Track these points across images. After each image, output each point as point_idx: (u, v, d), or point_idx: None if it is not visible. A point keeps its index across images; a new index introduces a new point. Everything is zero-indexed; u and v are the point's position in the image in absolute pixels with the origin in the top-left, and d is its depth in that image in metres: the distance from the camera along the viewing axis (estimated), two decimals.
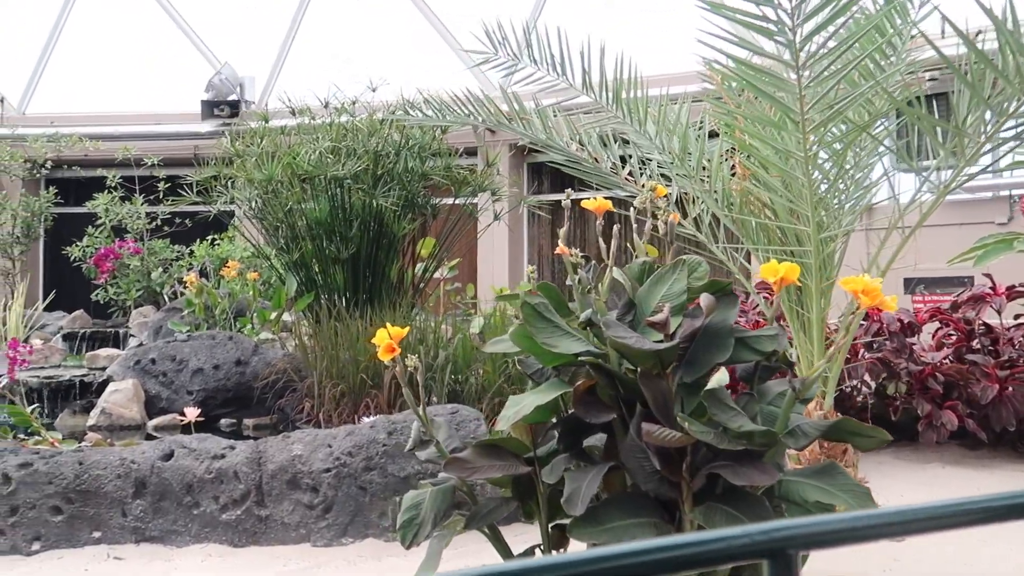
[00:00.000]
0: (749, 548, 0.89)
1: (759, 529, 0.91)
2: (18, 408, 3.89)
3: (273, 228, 6.24)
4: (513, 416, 2.48)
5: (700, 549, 0.88)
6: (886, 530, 0.95)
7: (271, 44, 11.92)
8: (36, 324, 8.39)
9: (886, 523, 0.95)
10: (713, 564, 0.90)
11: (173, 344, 5.61)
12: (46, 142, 10.23)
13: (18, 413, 3.87)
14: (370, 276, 6.32)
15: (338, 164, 5.80)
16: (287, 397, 5.47)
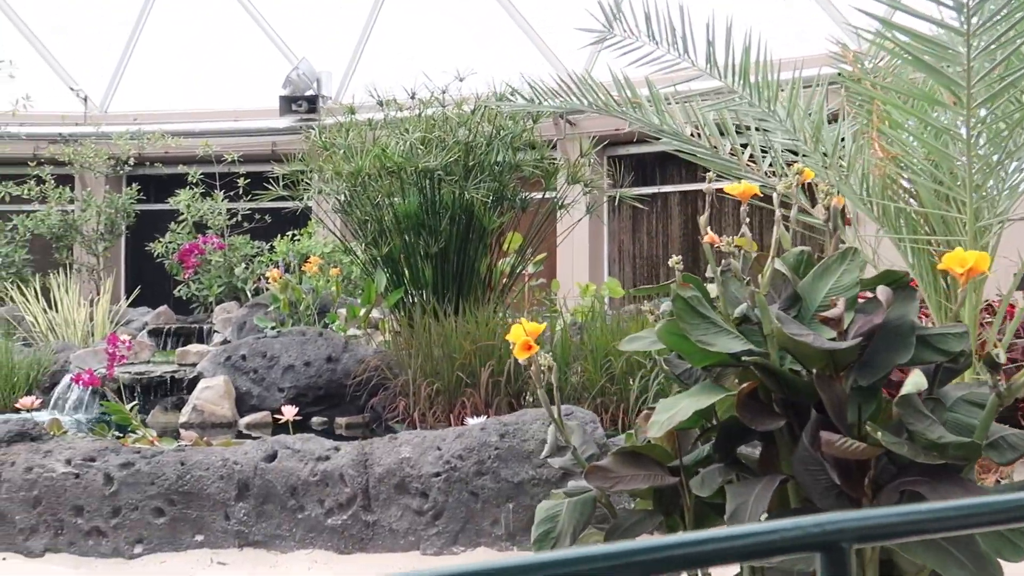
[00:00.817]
0: (802, 541, 0.89)
1: (812, 521, 0.90)
2: (117, 405, 3.79)
3: (361, 222, 6.10)
4: (667, 422, 2.24)
5: (752, 541, 0.88)
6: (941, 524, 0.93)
7: (347, 39, 11.87)
8: (121, 320, 8.43)
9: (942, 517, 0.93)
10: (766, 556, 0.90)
11: (263, 340, 5.50)
12: (129, 139, 10.31)
13: (118, 410, 3.77)
14: (459, 271, 6.14)
15: (429, 155, 5.62)
16: (379, 395, 5.31)
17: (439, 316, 5.28)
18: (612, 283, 7.87)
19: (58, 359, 6.56)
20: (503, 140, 5.83)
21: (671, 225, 10.61)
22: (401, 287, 5.93)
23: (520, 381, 5.02)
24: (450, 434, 3.51)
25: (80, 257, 10.29)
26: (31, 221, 9.96)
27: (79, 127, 11.61)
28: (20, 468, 3.45)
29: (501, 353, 5.10)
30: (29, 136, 11.10)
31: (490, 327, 5.18)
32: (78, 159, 10.19)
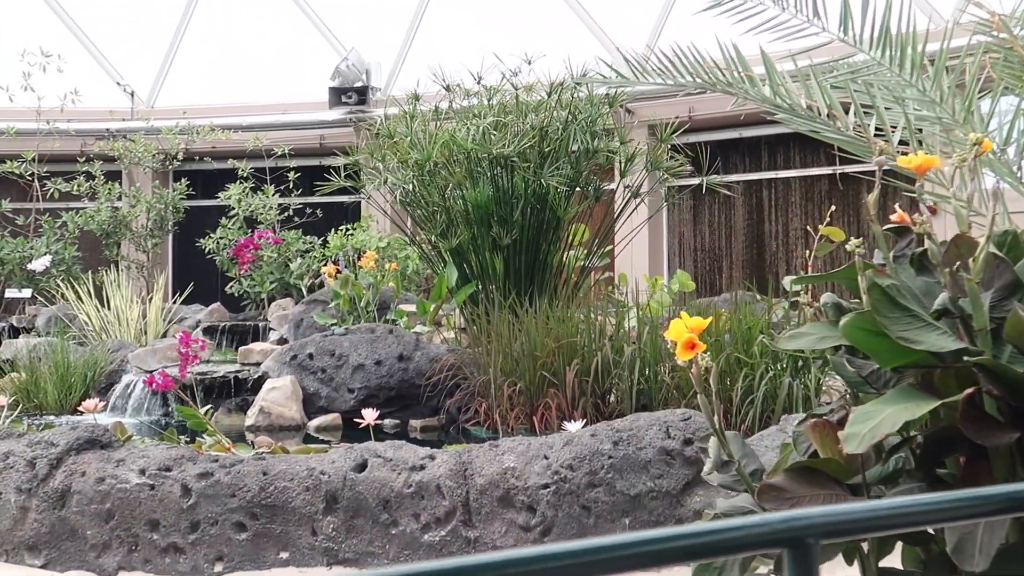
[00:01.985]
0: (769, 537, 0.89)
1: (779, 518, 0.91)
2: (191, 409, 3.52)
3: (428, 214, 5.79)
4: (870, 435, 1.88)
5: (719, 537, 0.88)
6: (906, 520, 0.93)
7: (396, 29, 11.58)
8: (174, 318, 8.21)
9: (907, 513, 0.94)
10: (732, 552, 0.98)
11: (331, 338, 5.22)
12: (178, 134, 10.11)
13: (191, 415, 3.50)
14: (531, 265, 5.81)
15: (503, 141, 5.30)
16: (454, 395, 5.01)
17: (518, 312, 4.96)
18: (683, 276, 7.50)
19: (114, 358, 6.34)
20: (580, 125, 5.49)
21: (734, 216, 10.20)
22: (472, 281, 5.62)
23: (607, 381, 4.69)
24: (557, 441, 3.19)
25: (130, 254, 10.10)
26: (81, 217, 9.79)
27: (126, 122, 11.45)
28: (91, 479, 3.18)
29: (584, 351, 4.77)
30: (77, 132, 10.95)
31: (572, 323, 4.85)
32: (128, 154, 10.01)
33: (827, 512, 0.94)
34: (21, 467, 3.25)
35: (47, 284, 9.41)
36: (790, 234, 9.84)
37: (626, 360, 4.62)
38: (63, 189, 10.03)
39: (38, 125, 10.44)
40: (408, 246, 8.95)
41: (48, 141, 10.47)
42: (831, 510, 0.95)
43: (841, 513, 0.95)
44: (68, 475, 3.20)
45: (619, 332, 4.91)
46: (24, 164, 10.08)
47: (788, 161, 9.90)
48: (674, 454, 3.11)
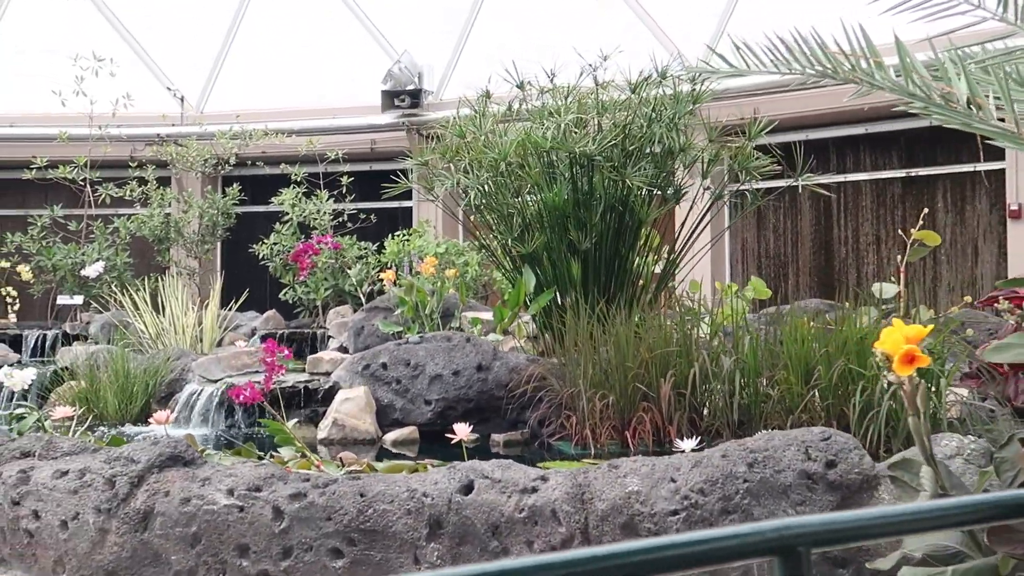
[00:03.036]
0: (759, 546, 0.89)
1: (770, 526, 0.90)
2: (278, 424, 3.27)
3: (502, 217, 5.52)
4: None
5: (712, 546, 0.88)
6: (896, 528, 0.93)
7: (448, 31, 11.36)
8: (230, 325, 8.02)
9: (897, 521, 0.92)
10: (724, 561, 0.87)
11: (405, 347, 4.96)
12: (230, 139, 9.95)
13: (278, 429, 3.25)
14: (609, 270, 5.52)
15: (585, 139, 5.02)
16: (539, 408, 4.72)
17: (605, 320, 4.67)
18: (757, 283, 7.16)
19: (175, 367, 6.14)
20: (664, 122, 5.20)
21: (801, 221, 9.82)
22: (550, 288, 5.33)
23: (703, 393, 4.38)
24: (684, 462, 2.89)
25: (181, 260, 9.95)
26: (133, 223, 9.65)
27: (175, 127, 11.33)
28: (176, 499, 2.93)
29: (679, 362, 4.46)
30: (129, 137, 10.84)
31: (665, 332, 4.54)
32: (180, 159, 9.87)
33: (817, 520, 0.93)
34: (99, 485, 3.02)
35: (99, 290, 9.28)
36: (860, 239, 9.45)
37: (726, 372, 4.31)
38: (115, 194, 9.92)
39: (90, 130, 10.34)
40: (467, 252, 8.71)
41: (99, 146, 10.37)
42: (821, 518, 0.95)
43: (831, 522, 0.94)
44: (150, 495, 2.96)
45: (713, 342, 4.60)
46: (76, 169, 9.98)
47: (858, 163, 9.52)
48: (816, 478, 2.80)
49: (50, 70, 11.36)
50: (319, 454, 4.41)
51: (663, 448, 4.38)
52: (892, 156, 9.28)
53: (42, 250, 9.65)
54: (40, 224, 9.96)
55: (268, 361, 3.27)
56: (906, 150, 9.20)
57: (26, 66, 12.18)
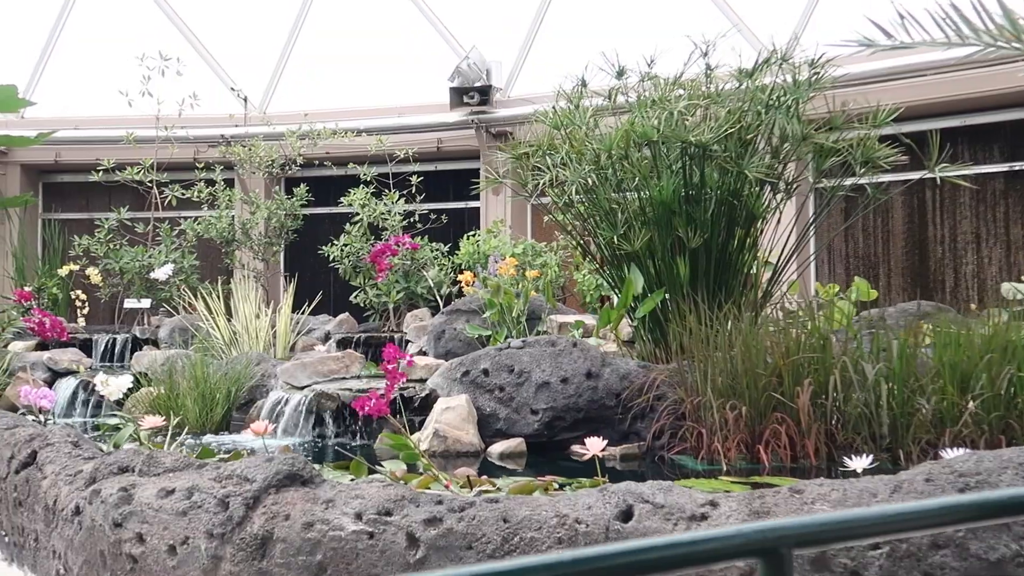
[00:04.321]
0: (742, 547, 0.89)
1: (752, 528, 0.90)
2: (402, 438, 2.94)
3: (604, 213, 5.16)
4: None
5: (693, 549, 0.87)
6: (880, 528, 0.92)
7: (517, 26, 11.04)
8: (303, 329, 7.77)
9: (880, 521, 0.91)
10: (706, 563, 0.86)
11: (508, 352, 4.62)
12: (298, 138, 9.73)
13: (402, 444, 2.92)
14: (718, 268, 5.14)
15: (699, 128, 4.64)
16: (653, 419, 4.35)
17: (728, 322, 4.29)
18: (862, 284, 6.73)
19: (254, 373, 5.87)
20: (783, 109, 4.80)
21: (892, 219, 9.32)
22: (661, 288, 4.96)
23: (845, 404, 3.97)
24: (881, 487, 2.50)
25: (249, 263, 9.75)
26: (200, 225, 9.47)
27: (239, 128, 11.16)
28: (297, 524, 2.62)
29: (816, 368, 4.06)
30: (196, 139, 10.70)
31: (799, 336, 4.15)
32: (247, 160, 9.67)
33: (800, 522, 0.92)
34: (211, 507, 2.71)
35: (168, 293, 9.11)
36: (958, 238, 8.92)
37: (871, 382, 3.90)
38: (182, 196, 9.75)
39: (156, 131, 10.20)
40: (544, 252, 8.37)
41: (165, 148, 10.23)
42: (804, 520, 0.92)
43: (814, 523, 0.92)
44: (269, 518, 2.64)
45: (847, 347, 4.20)
46: (142, 171, 9.84)
47: (955, 158, 8.97)
48: None
49: (114, 72, 11.27)
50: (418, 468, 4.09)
51: (798, 465, 3.99)
52: (993, 149, 8.75)
53: (110, 253, 9.50)
54: (107, 227, 9.82)
55: (389, 368, 2.95)
56: (1009, 142, 8.66)
57: (89, 69, 12.12)
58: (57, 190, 12.42)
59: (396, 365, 2.98)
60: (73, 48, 12.18)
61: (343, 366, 5.27)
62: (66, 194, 12.39)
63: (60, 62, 12.22)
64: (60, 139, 10.91)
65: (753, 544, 0.90)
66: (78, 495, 3.11)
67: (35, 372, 6.67)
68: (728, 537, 0.90)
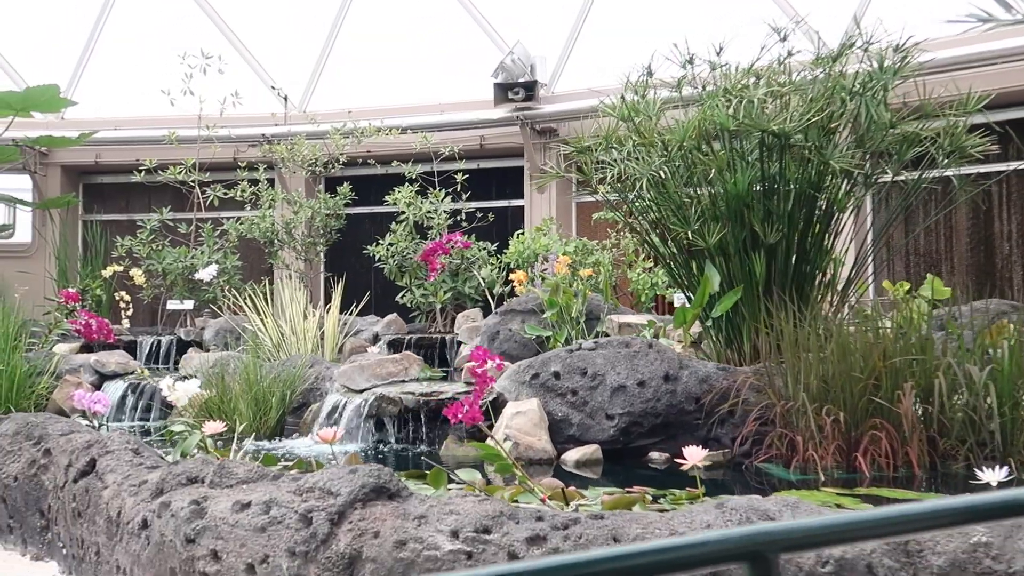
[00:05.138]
0: (729, 552, 0.89)
1: (739, 533, 0.91)
2: (493, 448, 2.72)
3: (676, 207, 4.91)
4: None
5: (679, 554, 0.88)
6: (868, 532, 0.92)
7: (562, 21, 10.80)
8: (350, 330, 7.58)
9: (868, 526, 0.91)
10: (691, 568, 0.88)
11: (579, 354, 4.38)
12: (343, 135, 9.56)
13: (494, 455, 2.70)
14: (796, 265, 4.88)
15: (780, 116, 4.39)
16: (734, 424, 4.10)
17: (817, 322, 4.03)
18: (936, 282, 6.42)
19: (308, 375, 5.69)
20: (867, 96, 4.53)
21: (955, 215, 8.98)
22: (738, 286, 4.70)
23: (951, 409, 3.70)
24: None
25: (293, 263, 9.59)
26: (244, 225, 9.32)
27: (279, 127, 11.01)
28: (388, 542, 2.40)
29: (918, 371, 3.79)
30: (238, 137, 10.57)
31: (894, 338, 3.88)
32: (290, 158, 9.51)
33: (786, 527, 0.90)
34: (292, 523, 2.51)
35: (212, 294, 8.97)
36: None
37: (980, 383, 3.63)
38: (224, 195, 9.62)
39: (198, 131, 10.08)
40: (596, 250, 8.13)
41: (207, 147, 10.10)
42: (790, 524, 0.90)
43: (800, 527, 0.91)
44: (356, 536, 2.43)
45: (947, 347, 3.92)
46: (184, 171, 9.72)
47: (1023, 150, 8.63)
48: None
49: (153, 73, 11.18)
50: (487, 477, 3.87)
51: (899, 474, 3.72)
52: None
53: (152, 253, 9.38)
54: (149, 227, 9.71)
55: (478, 372, 2.73)
56: None
57: (127, 70, 12.05)
58: (97, 191, 12.36)
59: (486, 368, 2.76)
60: (112, 49, 12.12)
61: (402, 368, 5.07)
62: (106, 195, 12.33)
63: (99, 63, 12.16)
64: (100, 140, 10.83)
65: (739, 549, 0.89)
66: (145, 507, 2.92)
67: (82, 375, 6.54)
68: (714, 542, 0.90)
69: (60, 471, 3.68)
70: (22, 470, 3.91)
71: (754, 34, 5.97)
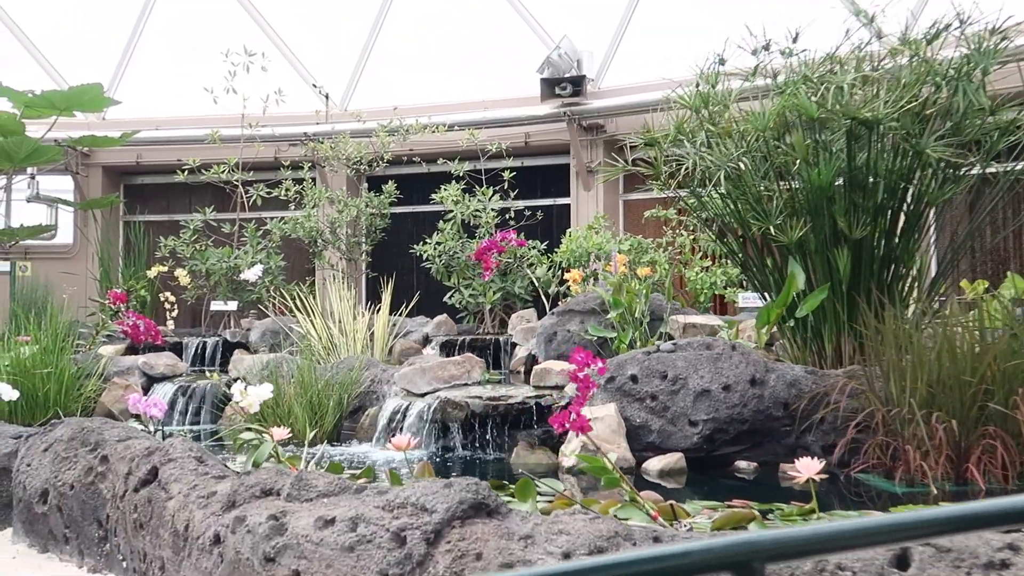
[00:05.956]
0: (715, 561, 0.89)
1: (724, 542, 0.91)
2: (599, 460, 2.48)
3: (753, 201, 4.65)
4: None
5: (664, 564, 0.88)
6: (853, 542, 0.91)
7: (608, 15, 10.54)
8: (400, 331, 7.38)
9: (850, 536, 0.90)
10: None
11: (658, 356, 4.14)
12: (389, 133, 9.37)
13: (600, 467, 2.46)
14: (884, 264, 4.60)
15: (872, 102, 4.11)
16: (832, 431, 3.84)
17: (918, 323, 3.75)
18: (1018, 280, 6.11)
19: (363, 378, 5.49)
20: (963, 81, 4.24)
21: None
22: (825, 285, 4.43)
23: None
24: None
25: (337, 263, 9.41)
26: (288, 225, 9.16)
27: (319, 125, 10.86)
28: (492, 565, 2.17)
29: None
30: (283, 136, 10.43)
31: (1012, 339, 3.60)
32: (334, 157, 9.33)
33: (772, 536, 0.90)
34: (383, 542, 2.29)
35: (257, 294, 8.82)
36: None
37: None
38: (267, 194, 9.46)
39: (241, 130, 9.94)
40: (651, 249, 7.87)
41: (249, 146, 9.97)
42: (776, 534, 0.90)
43: (786, 537, 0.91)
44: (456, 557, 2.21)
45: None
46: (227, 170, 9.59)
47: None
48: None
49: (194, 73, 11.07)
50: (564, 486, 3.63)
51: (1016, 486, 3.44)
52: None
53: (196, 254, 9.25)
54: (192, 227, 9.58)
55: (580, 377, 2.50)
56: None
57: (168, 70, 11.96)
58: (138, 192, 12.29)
59: (587, 373, 2.52)
60: (152, 50, 12.04)
61: (464, 371, 4.85)
62: (147, 196, 12.25)
63: (139, 63, 12.09)
64: (141, 140, 10.75)
65: (726, 558, 0.89)
66: (216, 521, 2.72)
67: (130, 377, 6.39)
68: (699, 551, 0.89)
69: (119, 479, 3.49)
70: (78, 478, 3.74)
71: (826, 22, 5.70)
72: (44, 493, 3.85)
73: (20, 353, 5.78)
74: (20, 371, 5.68)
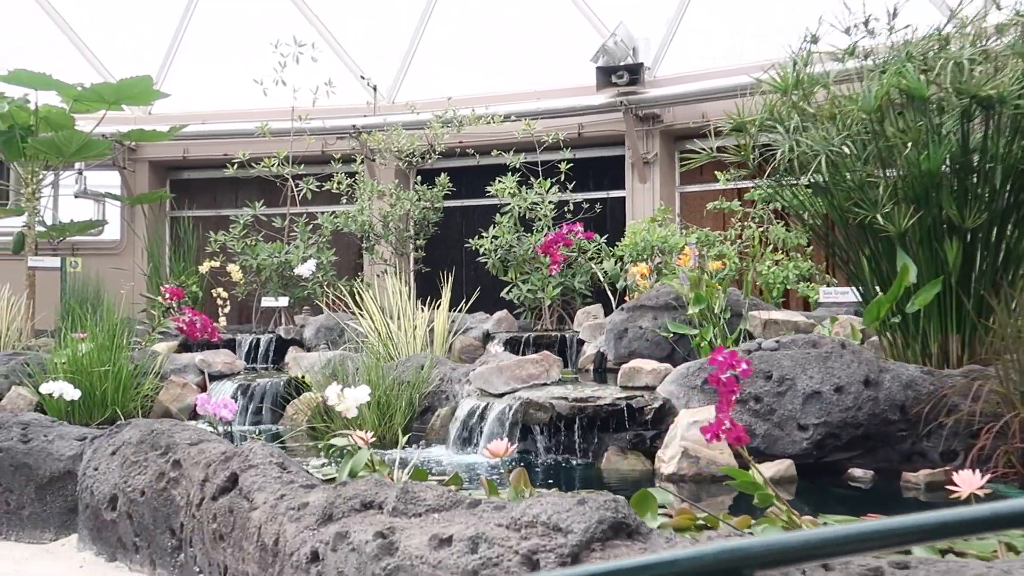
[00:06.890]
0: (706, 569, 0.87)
1: (714, 549, 0.89)
2: (748, 475, 2.21)
3: (856, 187, 4.34)
4: None
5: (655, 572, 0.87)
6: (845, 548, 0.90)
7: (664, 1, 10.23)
8: (459, 328, 7.14)
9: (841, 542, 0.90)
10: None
11: (760, 355, 3.85)
12: (440, 126, 9.13)
13: (750, 483, 2.18)
14: (998, 256, 4.27)
15: (994, 79, 3.79)
16: (954, 436, 3.53)
17: None
18: None
19: (432, 377, 5.26)
20: None
21: None
22: (938, 278, 4.11)
23: None
24: None
25: (389, 257, 9.20)
26: (340, 219, 8.96)
27: (369, 117, 10.65)
28: None
29: None
30: (333, 128, 10.24)
31: None
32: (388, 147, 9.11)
33: (762, 543, 0.90)
34: (512, 565, 2.03)
35: (310, 290, 8.63)
36: None
37: None
38: (318, 188, 9.27)
39: (292, 123, 9.77)
40: (717, 242, 7.57)
41: (299, 139, 9.79)
42: (766, 540, 0.89)
43: (776, 544, 0.90)
44: None
45: None
46: (277, 163, 9.41)
47: None
48: None
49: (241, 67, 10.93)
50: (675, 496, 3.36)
51: None
52: None
53: (247, 249, 9.08)
54: (242, 222, 9.42)
55: (721, 380, 2.23)
56: None
57: (213, 64, 11.84)
58: (184, 186, 12.18)
59: (729, 376, 2.26)
60: (198, 44, 11.92)
61: (543, 370, 4.59)
62: (193, 190, 12.14)
63: (185, 57, 11.97)
64: (188, 134, 10.62)
65: (717, 565, 0.87)
66: (311, 537, 2.49)
67: (187, 375, 6.22)
68: (687, 559, 0.87)
69: (194, 486, 3.28)
70: (149, 483, 3.54)
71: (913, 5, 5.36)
72: (113, 499, 3.66)
73: (77, 351, 5.62)
74: (77, 369, 5.53)
